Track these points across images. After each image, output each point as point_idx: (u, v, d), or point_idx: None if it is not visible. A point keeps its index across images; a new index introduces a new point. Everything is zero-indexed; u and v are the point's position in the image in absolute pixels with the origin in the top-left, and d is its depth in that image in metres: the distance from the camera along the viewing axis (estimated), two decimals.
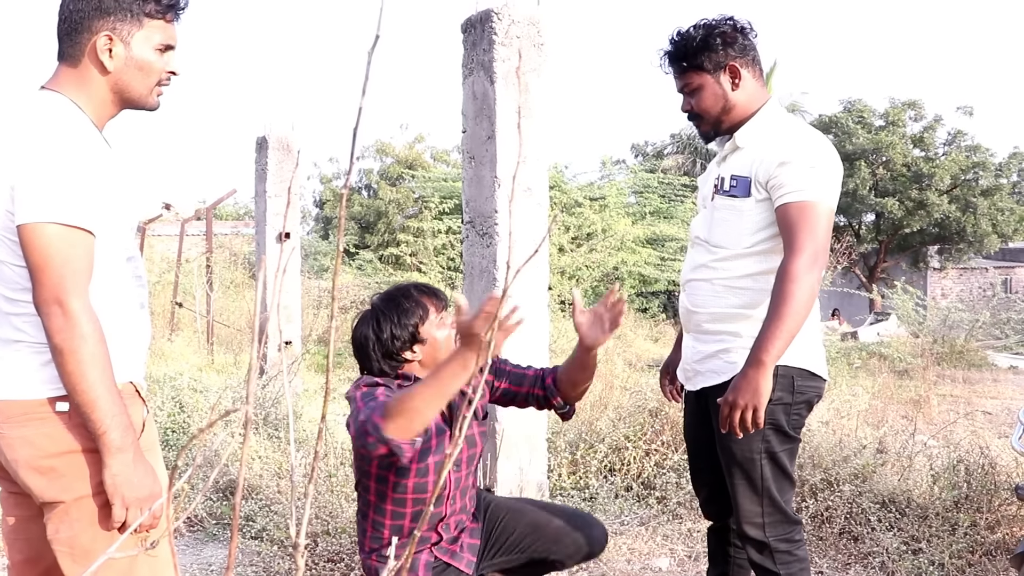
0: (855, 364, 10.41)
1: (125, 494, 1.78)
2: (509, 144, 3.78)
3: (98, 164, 1.82)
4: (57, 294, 1.71)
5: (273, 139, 7.99)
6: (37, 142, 1.76)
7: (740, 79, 2.50)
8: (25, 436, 1.80)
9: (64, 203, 1.73)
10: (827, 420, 5.50)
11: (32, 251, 1.72)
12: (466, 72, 3.96)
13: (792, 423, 2.48)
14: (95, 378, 1.72)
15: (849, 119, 25.21)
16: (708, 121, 2.56)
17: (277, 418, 5.78)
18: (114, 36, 1.87)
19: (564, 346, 9.78)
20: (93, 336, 1.73)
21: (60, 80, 1.90)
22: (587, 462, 4.92)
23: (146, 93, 1.95)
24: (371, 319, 2.51)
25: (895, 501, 4.17)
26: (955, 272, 28.98)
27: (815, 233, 2.32)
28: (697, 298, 2.57)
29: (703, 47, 2.48)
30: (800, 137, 2.44)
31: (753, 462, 2.46)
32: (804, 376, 2.47)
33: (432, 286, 2.62)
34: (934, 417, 7.58)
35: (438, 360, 2.45)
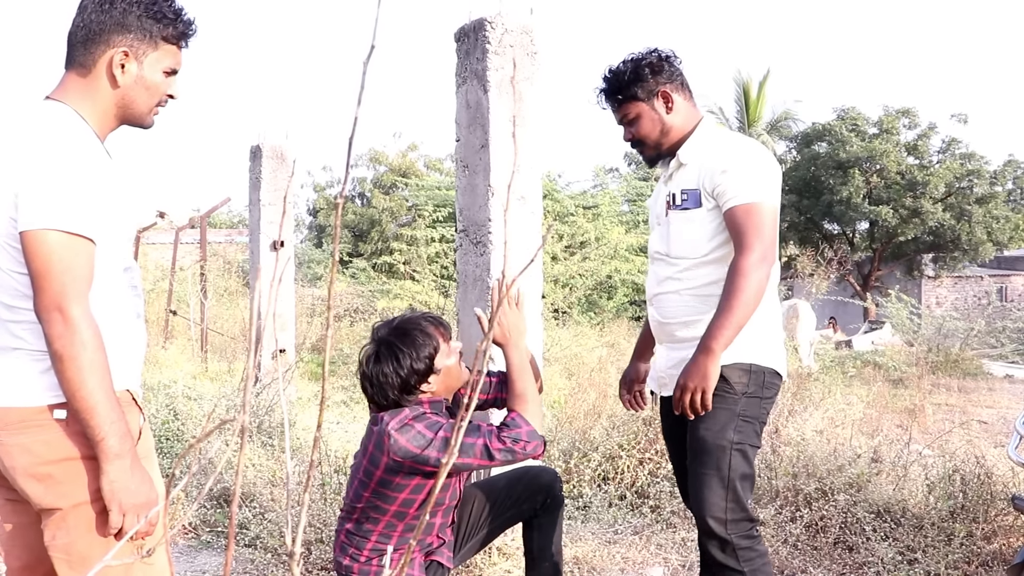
0: (849, 373, 10.41)
1: (122, 500, 1.80)
2: (503, 153, 3.77)
3: (100, 174, 1.84)
4: (58, 301, 1.73)
5: (267, 148, 7.98)
6: (41, 151, 1.78)
7: (672, 103, 2.70)
8: (23, 443, 1.81)
9: (67, 211, 1.75)
10: (821, 429, 5.50)
11: (34, 257, 1.74)
12: (459, 81, 3.96)
13: (761, 418, 2.63)
14: (94, 385, 1.74)
15: (843, 127, 25.29)
16: (650, 146, 2.76)
17: (271, 426, 5.76)
18: (130, 53, 1.92)
19: (557, 354, 9.77)
20: (93, 343, 1.74)
21: (66, 89, 1.93)
22: (581, 471, 4.91)
23: (146, 112, 2.00)
24: (389, 356, 2.56)
25: (890, 511, 4.16)
26: (950, 280, 29.06)
27: (762, 232, 2.50)
28: (667, 309, 2.73)
29: (634, 78, 2.69)
30: (737, 146, 2.64)
31: (724, 450, 2.55)
32: (772, 375, 2.64)
33: (438, 316, 2.71)
34: (929, 426, 7.58)
35: (450, 388, 2.66)
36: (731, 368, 2.57)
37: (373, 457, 2.53)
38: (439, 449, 2.45)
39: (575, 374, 8.33)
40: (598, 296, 17.10)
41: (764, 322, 2.64)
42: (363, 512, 2.60)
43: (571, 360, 9.51)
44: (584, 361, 9.19)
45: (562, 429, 5.51)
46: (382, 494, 2.54)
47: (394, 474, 2.51)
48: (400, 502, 2.55)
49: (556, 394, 7.35)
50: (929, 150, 25.94)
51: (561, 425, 5.62)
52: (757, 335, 2.62)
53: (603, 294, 17.28)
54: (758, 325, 2.61)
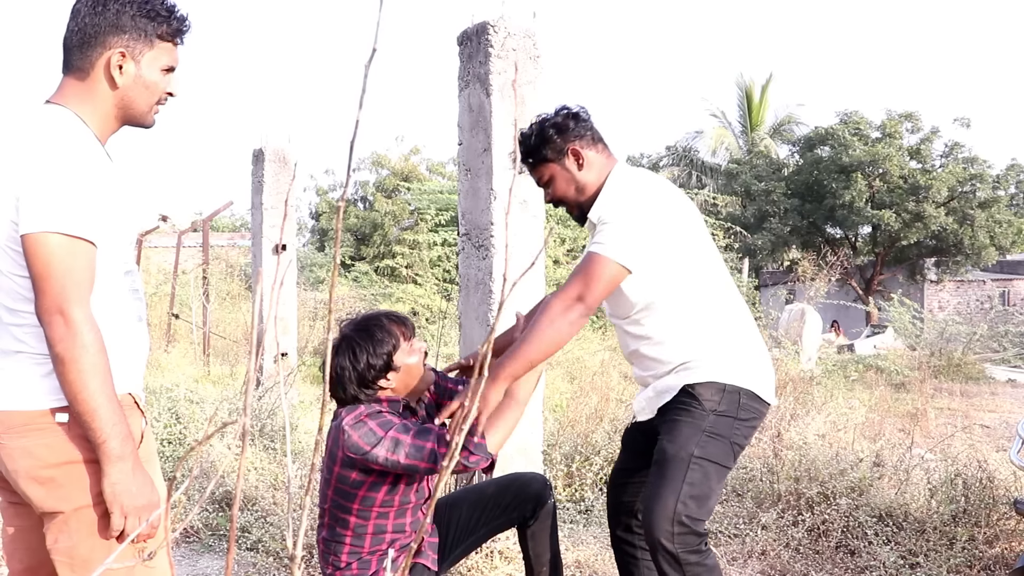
0: (852, 377, 10.40)
1: (124, 503, 1.80)
2: (505, 156, 3.78)
3: (100, 177, 1.84)
4: (59, 303, 1.73)
5: (269, 151, 7.99)
6: (42, 154, 1.79)
7: (583, 159, 2.68)
8: (25, 446, 1.81)
9: (67, 214, 1.75)
10: (823, 433, 5.50)
11: (35, 260, 1.74)
12: (462, 84, 3.97)
13: (734, 438, 2.55)
14: (96, 387, 1.74)
15: (845, 131, 25.25)
16: (570, 204, 2.74)
17: (273, 429, 5.76)
18: (127, 54, 1.92)
19: (559, 358, 9.76)
20: (94, 346, 1.74)
21: (66, 93, 1.93)
22: (583, 475, 4.91)
23: (147, 111, 1.99)
24: (347, 350, 2.59)
25: (892, 515, 4.16)
26: (952, 285, 28.99)
27: (588, 281, 2.47)
28: (641, 365, 2.73)
29: (541, 141, 2.69)
30: (615, 197, 2.60)
31: (682, 462, 2.50)
32: (751, 397, 2.58)
33: (401, 315, 2.73)
34: (931, 431, 7.57)
35: (409, 386, 2.66)
36: (704, 385, 2.55)
37: (331, 453, 2.55)
38: (388, 449, 2.45)
39: (577, 378, 8.32)
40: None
41: (746, 345, 2.63)
42: (332, 515, 2.62)
43: (573, 364, 9.50)
44: (586, 365, 9.19)
45: (564, 433, 5.50)
46: (343, 492, 2.55)
47: (349, 470, 2.52)
48: (360, 500, 2.55)
49: (558, 398, 7.35)
50: (932, 154, 25.88)
51: (563, 429, 5.62)
52: (737, 357, 2.59)
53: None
54: (740, 347, 2.60)
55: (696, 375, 2.55)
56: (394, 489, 2.57)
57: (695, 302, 2.59)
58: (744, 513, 4.48)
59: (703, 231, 2.69)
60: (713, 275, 2.65)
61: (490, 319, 3.81)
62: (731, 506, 4.66)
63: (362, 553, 2.61)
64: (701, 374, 2.54)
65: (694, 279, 2.60)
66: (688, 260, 2.59)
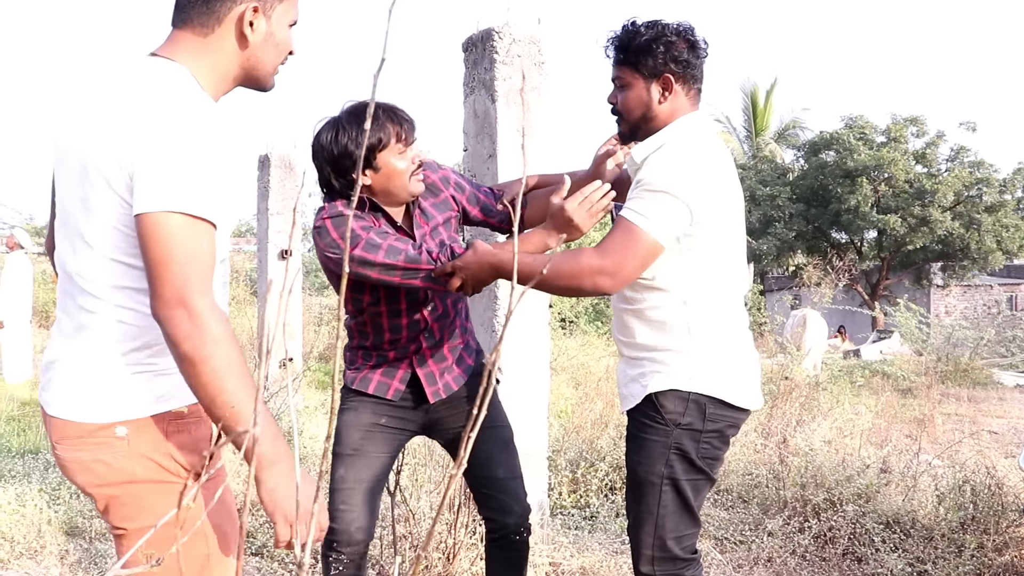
0: (858, 382, 10.38)
1: (287, 510, 1.60)
2: (510, 162, 3.78)
3: (221, 148, 1.64)
4: (181, 294, 1.51)
5: (275, 157, 8.02)
6: (160, 120, 1.56)
7: (671, 93, 2.42)
8: (82, 460, 1.65)
9: (191, 191, 1.54)
10: (830, 439, 5.48)
11: (153, 245, 1.52)
12: (467, 91, 3.97)
13: (701, 452, 2.39)
14: (235, 387, 1.52)
15: (850, 135, 25.23)
16: (627, 122, 2.50)
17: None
18: (259, 8, 1.71)
19: (564, 363, 9.76)
20: (226, 338, 1.53)
21: (179, 48, 1.70)
22: (588, 480, 4.90)
23: (272, 72, 1.81)
24: (330, 130, 2.42)
25: (900, 522, 4.14)
26: (959, 289, 28.94)
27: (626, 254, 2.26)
28: (619, 325, 2.57)
29: (645, 48, 2.39)
30: (676, 161, 2.34)
31: (654, 486, 2.39)
32: (718, 405, 2.39)
33: (406, 115, 2.48)
34: (939, 436, 7.55)
35: (388, 192, 2.44)
36: (666, 395, 2.39)
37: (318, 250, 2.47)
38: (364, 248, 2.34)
39: (582, 384, 8.32)
40: (605, 305, 17.06)
41: (714, 347, 2.42)
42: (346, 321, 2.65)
43: (578, 370, 9.49)
44: (591, 371, 9.18)
45: (569, 439, 5.50)
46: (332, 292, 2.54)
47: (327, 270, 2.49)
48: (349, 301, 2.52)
49: (563, 404, 7.34)
50: (938, 158, 25.86)
51: (568, 435, 5.61)
52: (704, 361, 2.40)
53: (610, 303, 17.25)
54: (707, 350, 2.40)
55: (658, 381, 2.40)
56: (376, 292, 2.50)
57: (698, 293, 2.40)
58: (750, 520, 4.47)
59: (740, 217, 2.50)
60: (728, 269, 2.46)
61: (496, 325, 3.80)
62: (737, 512, 4.64)
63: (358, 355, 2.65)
64: (663, 380, 2.39)
65: (709, 269, 2.41)
66: (713, 248, 2.39)
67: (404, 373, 2.62)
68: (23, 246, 11.21)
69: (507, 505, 2.71)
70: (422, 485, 4.14)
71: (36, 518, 4.23)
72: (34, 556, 3.97)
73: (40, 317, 15.35)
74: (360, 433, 2.60)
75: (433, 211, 2.59)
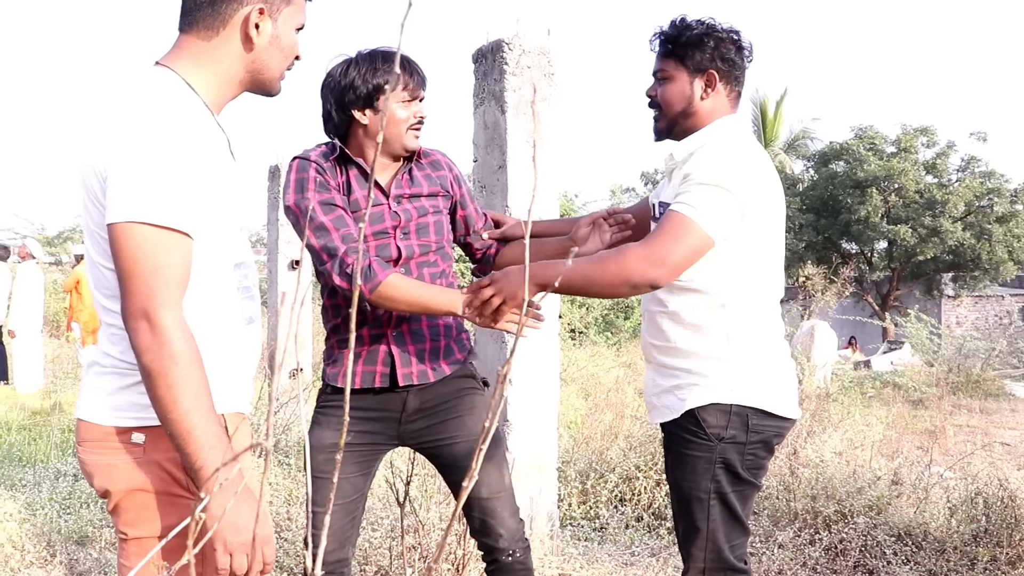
0: (868, 393, 10.33)
1: (228, 539, 1.56)
2: (520, 173, 3.79)
3: (205, 155, 1.61)
4: (145, 306, 1.50)
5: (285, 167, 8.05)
6: (133, 129, 1.55)
7: (713, 90, 2.41)
8: (99, 464, 1.65)
9: (158, 200, 1.51)
10: (841, 451, 5.45)
11: (120, 255, 1.52)
12: (477, 102, 3.98)
13: (747, 464, 2.35)
14: (189, 404, 1.50)
15: (860, 146, 25.20)
16: (666, 116, 2.46)
17: (287, 445, 5.76)
18: (266, 10, 1.69)
19: (574, 374, 9.75)
20: (186, 355, 1.51)
21: (181, 54, 1.69)
22: (597, 492, 4.88)
23: (278, 76, 1.78)
24: (344, 64, 2.42)
25: (911, 534, 4.11)
26: (970, 300, 28.79)
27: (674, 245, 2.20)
28: (651, 329, 2.50)
29: (694, 42, 2.39)
30: (722, 155, 2.31)
31: (701, 502, 2.35)
32: (760, 415, 2.35)
33: (418, 67, 2.46)
34: (950, 448, 7.50)
35: (385, 136, 2.39)
36: (707, 410, 2.34)
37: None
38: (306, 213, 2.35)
39: (592, 394, 8.30)
40: (615, 316, 17.07)
41: (754, 354, 2.37)
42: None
43: (588, 380, 9.48)
44: (601, 381, 9.16)
45: (579, 450, 5.48)
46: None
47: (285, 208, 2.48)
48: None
49: (572, 415, 7.33)
50: (948, 169, 25.80)
51: (578, 446, 5.60)
52: (743, 370, 2.35)
53: (620, 314, 17.25)
54: (746, 358, 2.35)
55: (698, 395, 2.34)
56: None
57: (738, 297, 2.34)
58: (760, 532, 4.45)
59: (782, 220, 2.46)
60: (769, 273, 2.41)
61: (504, 335, 3.81)
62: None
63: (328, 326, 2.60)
64: (703, 394, 2.34)
65: (750, 271, 2.35)
66: (755, 250, 2.34)
67: (384, 355, 2.48)
68: (35, 256, 11.29)
69: (490, 527, 2.55)
70: (431, 496, 4.14)
71: (46, 527, 4.24)
72: (44, 565, 3.98)
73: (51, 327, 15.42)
74: (323, 455, 2.51)
75: (422, 180, 2.54)
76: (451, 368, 2.55)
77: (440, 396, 2.55)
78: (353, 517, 2.56)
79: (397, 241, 2.46)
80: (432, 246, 2.52)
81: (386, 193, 2.47)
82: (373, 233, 2.44)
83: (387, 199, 2.47)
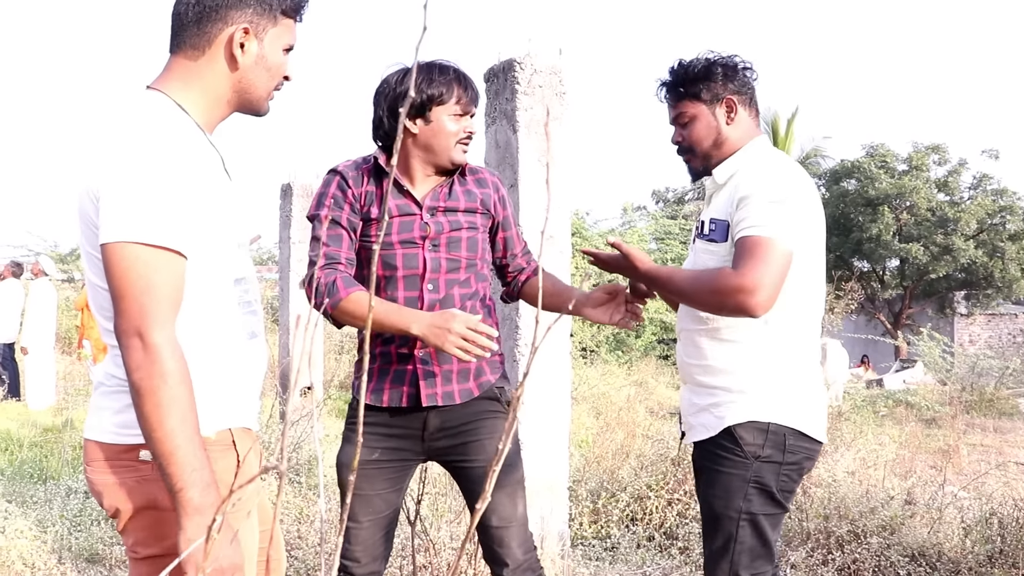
0: (881, 412, 10.26)
1: (200, 563, 1.55)
2: (532, 192, 3.80)
3: (196, 173, 1.63)
4: (137, 325, 1.52)
5: (298, 186, 8.09)
6: (124, 150, 1.57)
7: (735, 114, 2.44)
8: (107, 483, 1.65)
9: (149, 220, 1.53)
10: (853, 470, 5.42)
11: (112, 274, 1.54)
12: (488, 121, 4.00)
13: (781, 485, 2.33)
14: (173, 426, 1.51)
15: (872, 164, 25.15)
16: (699, 155, 2.49)
17: (298, 463, 5.76)
18: (251, 30, 1.71)
19: (585, 393, 9.72)
20: (175, 376, 1.52)
21: (170, 76, 1.73)
22: (609, 511, 4.86)
23: (265, 96, 1.80)
24: (401, 71, 2.46)
25: (925, 555, 4.08)
26: (983, 318, 28.61)
27: (764, 269, 2.18)
28: (687, 348, 2.48)
29: (704, 76, 2.44)
30: (766, 172, 2.33)
31: (732, 521, 2.31)
32: (797, 436, 2.33)
33: (472, 83, 2.48)
34: (964, 467, 7.44)
35: (429, 149, 2.43)
36: (745, 427, 2.31)
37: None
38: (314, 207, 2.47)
39: (603, 413, 8.28)
40: (626, 334, 17.03)
41: (792, 373, 2.35)
42: None
43: (599, 399, 9.46)
44: (612, 400, 9.14)
45: (590, 469, 5.47)
46: None
47: None
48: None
49: (584, 433, 7.31)
50: (960, 186, 25.71)
51: (589, 465, 5.58)
52: (782, 388, 2.33)
53: (631, 332, 17.22)
54: (785, 377, 2.33)
55: (735, 412, 2.32)
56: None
57: (781, 314, 2.30)
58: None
59: (823, 238, 2.46)
60: (811, 291, 2.40)
61: (516, 355, 3.80)
62: None
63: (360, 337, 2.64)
64: (740, 411, 2.31)
65: (794, 288, 2.31)
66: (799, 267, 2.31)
67: (411, 374, 2.46)
68: (47, 273, 11.34)
69: (497, 556, 2.53)
70: (442, 515, 4.13)
71: (57, 545, 4.24)
72: None
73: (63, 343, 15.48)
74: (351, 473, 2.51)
75: (461, 194, 2.51)
76: (480, 389, 2.52)
77: (462, 416, 2.51)
78: (386, 532, 2.55)
79: (425, 252, 2.45)
80: (462, 262, 2.49)
81: (419, 204, 2.46)
82: (401, 242, 2.44)
83: (420, 210, 2.46)
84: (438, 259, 2.46)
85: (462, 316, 2.27)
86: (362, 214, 2.46)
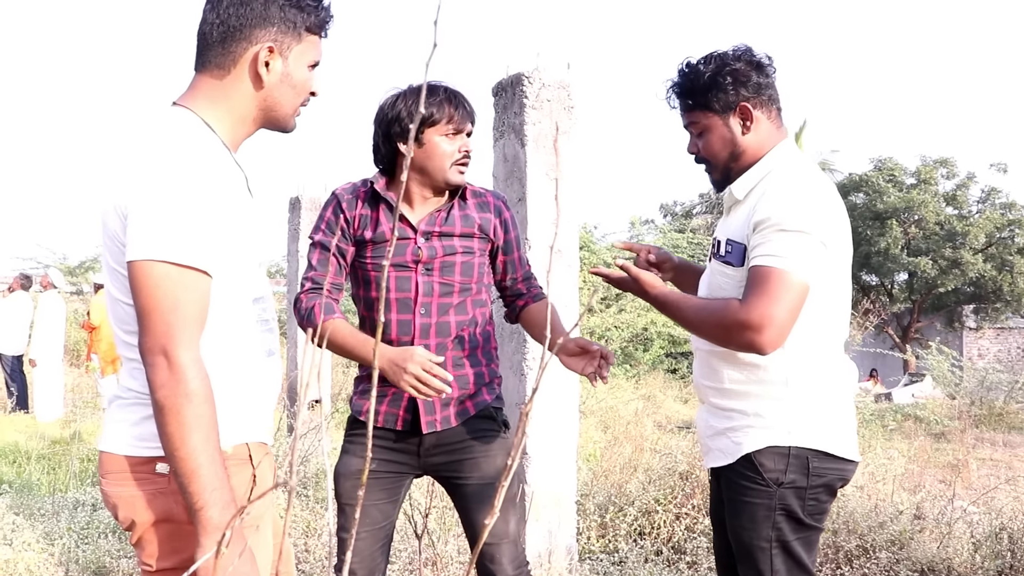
0: (890, 427, 10.22)
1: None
2: (540, 206, 3.81)
3: (222, 192, 1.64)
4: (163, 343, 1.53)
5: (306, 200, 8.12)
6: (152, 168, 1.58)
7: (752, 121, 2.25)
8: (122, 495, 1.65)
9: (177, 239, 1.55)
10: (862, 484, 5.40)
11: (139, 292, 1.55)
12: (497, 135, 4.01)
13: (809, 509, 2.22)
14: (197, 444, 1.52)
15: (880, 177, 25.15)
16: (717, 167, 2.33)
17: (306, 476, 5.77)
18: (275, 48, 1.72)
19: (593, 406, 9.71)
20: (200, 394, 1.53)
21: (196, 94, 1.74)
22: (616, 525, 4.85)
23: (291, 113, 1.81)
24: (393, 96, 2.46)
25: (934, 570, 4.06)
26: (992, 332, 28.51)
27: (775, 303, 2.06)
28: (703, 369, 2.38)
29: (712, 85, 2.24)
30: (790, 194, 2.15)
31: (763, 551, 2.22)
32: (821, 458, 2.21)
33: (467, 102, 2.46)
34: (973, 482, 7.41)
35: (424, 170, 2.42)
36: (765, 453, 2.20)
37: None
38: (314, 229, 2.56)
39: (610, 427, 8.27)
40: (634, 348, 17.01)
41: (814, 394, 2.23)
42: None
43: (607, 413, 9.44)
44: (620, 414, 9.13)
45: (597, 483, 5.45)
46: None
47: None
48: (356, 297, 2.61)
49: (591, 447, 7.30)
50: (968, 200, 25.69)
51: (596, 479, 5.57)
52: (802, 410, 2.21)
53: (639, 346, 17.20)
54: (805, 398, 2.21)
55: (754, 438, 2.22)
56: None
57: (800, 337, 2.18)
58: None
59: (850, 254, 2.29)
60: (835, 311, 2.26)
61: (524, 368, 3.81)
62: None
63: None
64: (759, 436, 2.21)
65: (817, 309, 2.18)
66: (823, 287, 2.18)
67: (408, 400, 2.47)
68: (56, 285, 11.40)
69: (489, 572, 2.52)
70: (449, 528, 4.12)
71: (64, 557, 4.25)
72: None
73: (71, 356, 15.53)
74: (351, 482, 2.52)
75: (458, 219, 2.50)
76: (476, 409, 2.54)
77: (458, 434, 2.52)
78: (382, 544, 2.55)
79: (418, 276, 2.45)
80: (455, 286, 2.49)
81: (414, 228, 2.46)
82: (394, 265, 2.44)
83: (415, 234, 2.46)
84: (431, 283, 2.46)
85: (420, 355, 2.28)
86: (356, 237, 2.49)
